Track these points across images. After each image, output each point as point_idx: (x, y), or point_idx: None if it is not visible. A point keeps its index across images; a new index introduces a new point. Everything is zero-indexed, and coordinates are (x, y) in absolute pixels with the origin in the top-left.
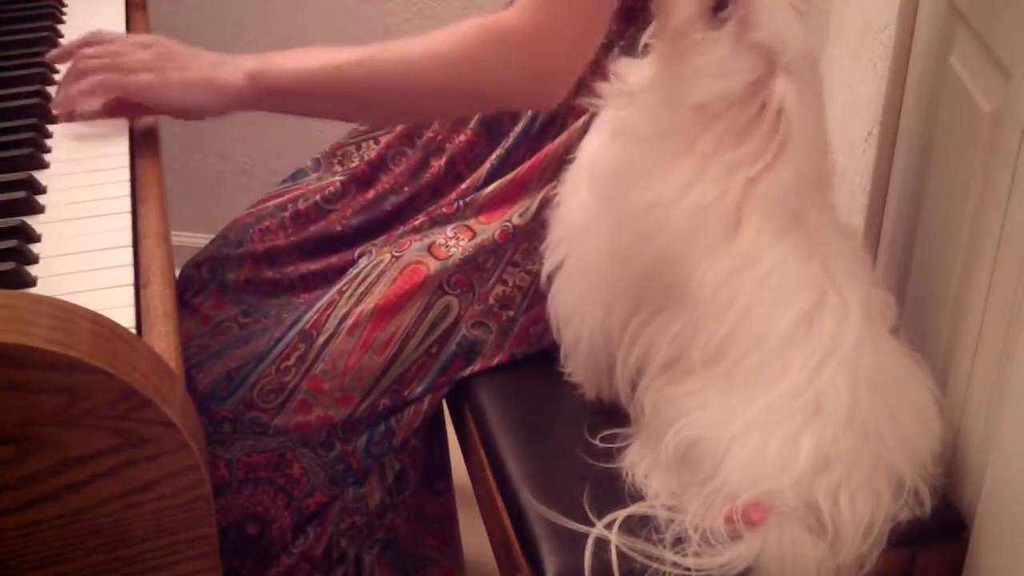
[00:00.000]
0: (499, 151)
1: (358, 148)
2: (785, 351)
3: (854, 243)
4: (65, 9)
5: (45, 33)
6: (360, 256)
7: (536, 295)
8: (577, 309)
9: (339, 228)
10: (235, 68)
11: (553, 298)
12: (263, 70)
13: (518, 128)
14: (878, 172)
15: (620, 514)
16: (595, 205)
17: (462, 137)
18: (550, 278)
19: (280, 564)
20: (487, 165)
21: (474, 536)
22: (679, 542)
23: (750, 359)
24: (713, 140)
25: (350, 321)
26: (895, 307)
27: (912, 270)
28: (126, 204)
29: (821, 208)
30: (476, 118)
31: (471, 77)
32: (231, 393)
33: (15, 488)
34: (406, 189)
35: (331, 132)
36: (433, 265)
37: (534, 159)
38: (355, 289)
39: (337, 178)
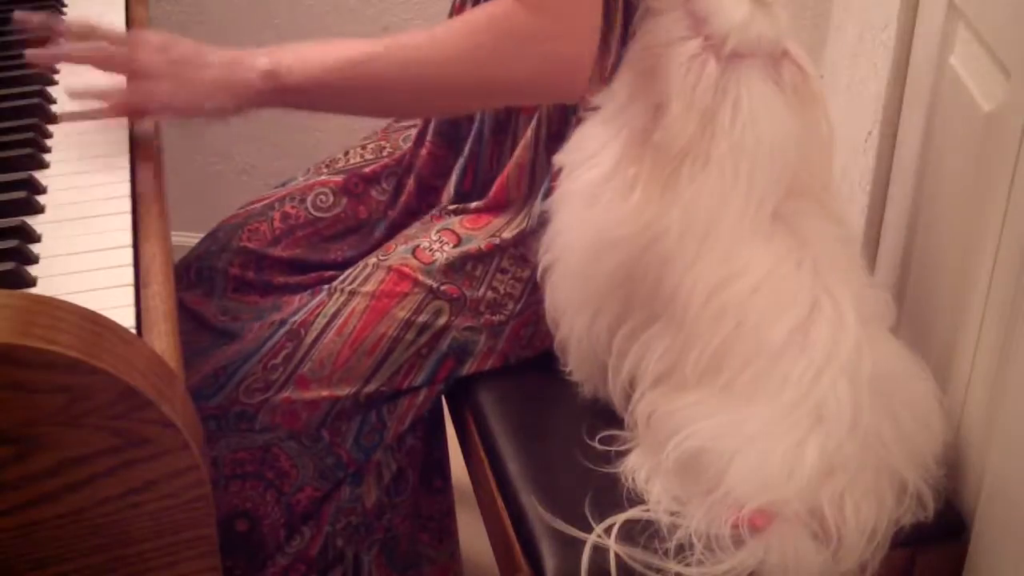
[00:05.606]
0: (465, 154)
1: (345, 154)
2: (783, 362)
3: (847, 244)
4: (65, 8)
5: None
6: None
7: (527, 300)
8: (566, 309)
9: (334, 258)
10: (250, 67)
11: (548, 294)
12: (278, 69)
13: (473, 128)
14: (878, 172)
15: (619, 518)
16: (568, 196)
17: (423, 151)
18: (545, 273)
19: (275, 564)
20: (456, 170)
21: (474, 536)
22: (681, 549)
23: (747, 372)
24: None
25: (339, 320)
26: (893, 305)
27: (912, 270)
28: (126, 204)
29: (810, 211)
30: (432, 129)
31: (484, 70)
32: (217, 391)
33: (15, 488)
34: (389, 213)
35: (332, 134)
36: (418, 269)
37: (503, 173)
38: (345, 287)
39: (324, 177)
